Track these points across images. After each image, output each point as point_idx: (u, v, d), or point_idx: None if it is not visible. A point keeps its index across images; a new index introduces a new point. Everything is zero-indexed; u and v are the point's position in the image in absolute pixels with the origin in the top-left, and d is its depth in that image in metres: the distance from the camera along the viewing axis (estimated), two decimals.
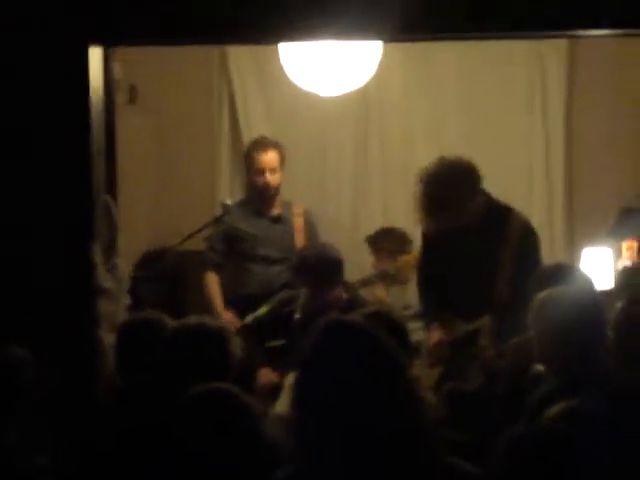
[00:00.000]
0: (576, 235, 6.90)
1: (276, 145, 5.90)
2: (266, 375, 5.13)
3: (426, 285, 5.04)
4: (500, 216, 4.72)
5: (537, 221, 6.91)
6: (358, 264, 6.29)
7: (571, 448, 2.28)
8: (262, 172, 5.84)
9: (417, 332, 4.87)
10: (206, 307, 5.85)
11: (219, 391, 2.72)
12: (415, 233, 5.60)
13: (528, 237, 4.68)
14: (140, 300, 4.72)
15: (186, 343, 3.40)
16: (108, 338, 3.97)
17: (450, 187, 4.61)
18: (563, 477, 2.24)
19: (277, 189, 5.89)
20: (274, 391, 4.91)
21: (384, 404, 2.37)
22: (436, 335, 4.81)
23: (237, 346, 3.54)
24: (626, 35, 4.71)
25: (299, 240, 5.89)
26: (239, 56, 7.09)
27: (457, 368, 4.72)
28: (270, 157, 5.84)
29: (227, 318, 5.75)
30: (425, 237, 5.03)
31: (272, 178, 5.84)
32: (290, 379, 4.80)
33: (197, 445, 2.60)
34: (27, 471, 3.11)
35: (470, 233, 4.70)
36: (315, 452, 2.38)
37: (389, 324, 3.36)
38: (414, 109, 7.06)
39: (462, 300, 4.73)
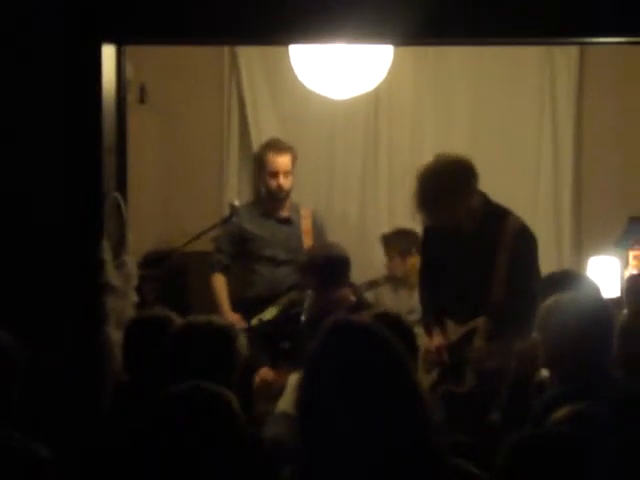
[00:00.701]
0: (583, 243, 6.90)
1: (290, 148, 5.91)
2: (264, 374, 5.14)
3: (424, 287, 5.05)
4: (497, 218, 4.72)
5: (544, 228, 6.94)
6: (365, 266, 6.30)
7: (576, 450, 2.28)
8: (276, 174, 5.85)
9: (422, 337, 4.88)
10: (212, 308, 5.86)
11: (199, 388, 2.72)
12: None
13: (523, 238, 4.69)
14: (146, 299, 4.72)
15: (193, 340, 3.41)
16: (116, 335, 3.98)
17: (444, 182, 4.61)
18: (567, 478, 2.25)
19: (289, 192, 5.91)
20: (271, 389, 4.95)
21: (390, 405, 2.37)
22: (435, 341, 4.82)
23: (243, 344, 3.54)
24: (636, 43, 4.70)
25: (307, 242, 5.90)
26: (249, 57, 7.10)
27: (453, 370, 4.74)
28: (285, 160, 5.85)
29: (233, 320, 5.75)
30: (424, 239, 5.04)
31: (285, 181, 5.85)
32: (293, 377, 4.83)
33: (179, 441, 2.61)
34: (28, 462, 3.12)
35: (466, 235, 4.71)
36: (320, 452, 2.38)
37: (396, 326, 3.35)
38: (424, 112, 7.07)
39: (458, 301, 4.75)
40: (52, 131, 4.04)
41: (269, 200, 5.93)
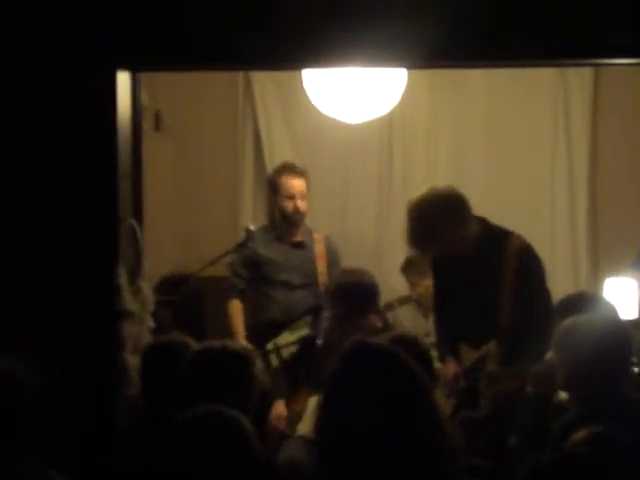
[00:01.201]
0: (600, 264, 6.88)
1: (304, 172, 5.92)
2: (278, 409, 5.13)
3: (436, 312, 5.09)
4: (498, 241, 4.73)
5: (561, 249, 6.94)
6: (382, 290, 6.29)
7: (596, 473, 2.27)
8: (292, 197, 5.85)
9: (436, 361, 4.87)
10: (227, 334, 5.85)
11: (213, 412, 2.72)
12: None
13: (526, 258, 4.70)
14: (162, 324, 4.73)
15: (209, 365, 3.40)
16: (132, 360, 3.98)
17: (432, 218, 4.66)
18: None
19: (304, 215, 5.91)
20: (285, 424, 4.99)
21: (409, 427, 2.37)
22: (451, 368, 4.83)
23: (260, 369, 3.54)
24: None
25: (320, 267, 5.89)
26: (263, 83, 7.13)
27: (469, 395, 4.72)
28: (300, 183, 5.86)
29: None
30: (432, 264, 5.06)
31: (301, 204, 5.86)
32: (313, 401, 4.81)
33: (194, 465, 2.60)
34: None
35: (469, 260, 4.73)
36: (340, 474, 2.38)
37: (414, 348, 3.35)
38: (438, 136, 7.08)
39: (468, 326, 4.75)
40: (68, 158, 4.05)
41: (284, 224, 5.94)
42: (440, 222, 4.66)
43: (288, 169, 5.92)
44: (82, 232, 4.05)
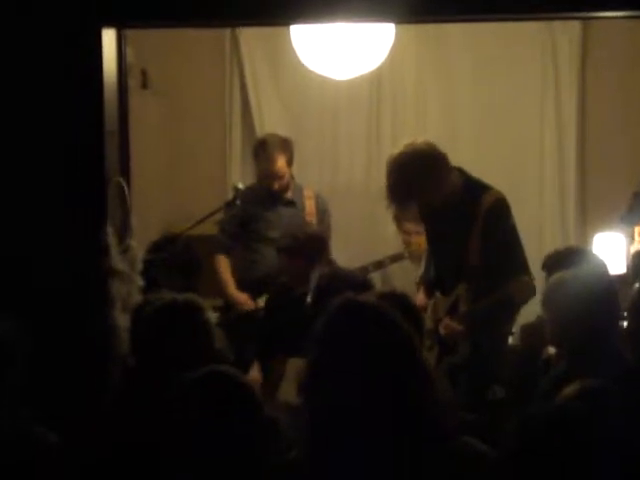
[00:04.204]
0: (588, 220, 6.89)
1: (283, 147, 5.87)
2: (252, 373, 5.19)
3: (427, 259, 5.40)
4: (475, 194, 4.82)
5: (549, 205, 6.94)
6: (371, 245, 6.31)
7: (587, 426, 2.27)
8: (269, 178, 5.85)
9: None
10: (218, 291, 5.86)
11: (219, 373, 2.72)
12: None
13: (495, 208, 4.79)
14: (153, 283, 4.72)
15: (162, 315, 3.42)
16: (122, 319, 3.98)
17: (409, 175, 4.74)
18: (578, 454, 2.24)
19: (286, 186, 5.91)
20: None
21: (398, 383, 2.37)
22: (420, 298, 5.18)
23: (213, 317, 3.54)
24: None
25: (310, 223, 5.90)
26: (250, 40, 7.09)
27: (448, 343, 4.88)
28: (278, 165, 5.83)
29: (241, 299, 5.77)
30: (420, 215, 5.19)
31: (280, 183, 5.86)
32: (293, 365, 4.85)
33: (198, 427, 2.60)
34: (36, 448, 3.12)
35: (449, 211, 4.83)
36: (329, 432, 2.38)
37: (403, 305, 3.35)
38: (426, 91, 7.05)
39: (444, 272, 4.98)
40: (54, 115, 4.03)
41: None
42: (417, 179, 4.74)
43: (265, 147, 5.87)
44: (69, 191, 4.03)
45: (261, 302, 5.64)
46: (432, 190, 4.76)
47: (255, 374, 5.21)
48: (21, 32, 4.06)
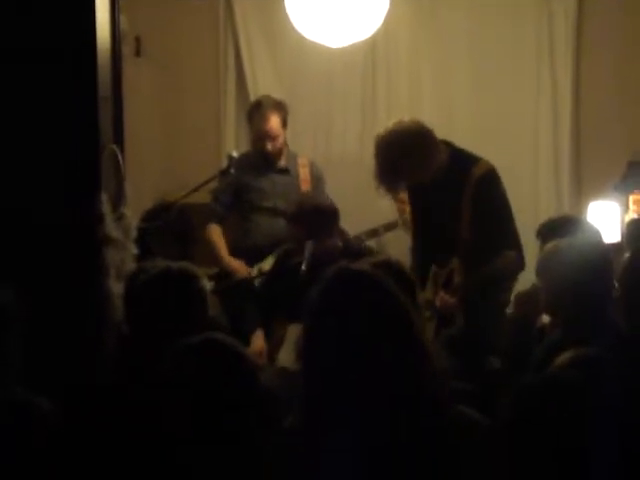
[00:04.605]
0: (583, 188, 6.88)
1: (277, 107, 5.84)
2: (257, 344, 5.19)
3: (414, 238, 5.24)
4: (464, 165, 4.81)
5: (544, 173, 6.94)
6: (365, 214, 6.30)
7: (582, 394, 2.28)
8: (263, 139, 5.82)
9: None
10: (212, 259, 5.86)
11: (213, 340, 2.71)
12: None
13: (485, 179, 4.78)
14: (147, 251, 4.71)
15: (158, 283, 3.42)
16: (116, 287, 3.97)
17: (395, 156, 4.74)
18: (572, 422, 2.25)
19: (280, 150, 5.88)
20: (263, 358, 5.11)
21: (393, 352, 2.37)
22: (428, 294, 4.96)
23: (205, 283, 3.53)
24: None
25: (305, 191, 5.88)
26: (245, 8, 7.05)
27: (445, 315, 4.89)
28: (271, 124, 5.79)
29: (236, 266, 5.75)
30: (407, 189, 5.16)
31: (273, 144, 5.82)
32: (293, 331, 4.84)
33: (193, 393, 2.60)
34: (30, 416, 3.13)
35: (438, 187, 4.81)
36: (323, 401, 2.38)
37: (397, 274, 3.34)
38: (421, 60, 7.02)
39: (435, 246, 4.94)
40: (46, 81, 4.00)
41: (263, 155, 5.91)
42: (404, 159, 4.73)
43: (259, 108, 5.84)
44: (63, 158, 4.02)
45: (255, 270, 5.63)
46: (420, 169, 4.75)
47: (259, 342, 5.21)
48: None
